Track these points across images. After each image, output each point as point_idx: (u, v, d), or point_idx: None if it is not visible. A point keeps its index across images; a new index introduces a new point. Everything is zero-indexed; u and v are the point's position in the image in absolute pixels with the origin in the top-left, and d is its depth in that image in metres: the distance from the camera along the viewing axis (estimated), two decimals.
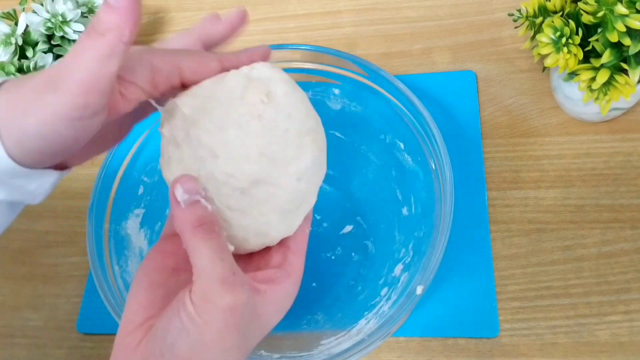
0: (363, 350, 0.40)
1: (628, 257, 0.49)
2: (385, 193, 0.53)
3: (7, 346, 0.53)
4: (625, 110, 0.54)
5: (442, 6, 0.65)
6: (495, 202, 0.53)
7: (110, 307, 0.42)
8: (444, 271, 0.41)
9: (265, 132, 0.31)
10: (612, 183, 0.52)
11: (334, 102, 0.53)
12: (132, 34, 0.26)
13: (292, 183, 0.32)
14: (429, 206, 0.45)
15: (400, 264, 0.48)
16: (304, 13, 0.67)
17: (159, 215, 0.51)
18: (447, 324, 0.48)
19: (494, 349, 0.47)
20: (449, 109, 0.57)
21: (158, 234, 0.51)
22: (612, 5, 0.44)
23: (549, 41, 0.47)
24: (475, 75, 0.59)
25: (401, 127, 0.49)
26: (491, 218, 0.52)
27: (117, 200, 0.48)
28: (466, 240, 0.51)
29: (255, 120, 0.31)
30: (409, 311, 0.41)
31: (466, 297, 0.49)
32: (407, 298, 0.41)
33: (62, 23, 0.55)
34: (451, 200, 0.43)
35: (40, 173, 0.30)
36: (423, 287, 0.40)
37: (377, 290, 0.48)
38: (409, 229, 0.49)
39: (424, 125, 0.46)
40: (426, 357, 0.48)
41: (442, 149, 0.45)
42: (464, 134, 0.56)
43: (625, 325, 0.46)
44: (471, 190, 0.53)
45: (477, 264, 0.50)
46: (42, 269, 0.56)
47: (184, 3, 0.71)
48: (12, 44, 0.55)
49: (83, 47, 0.26)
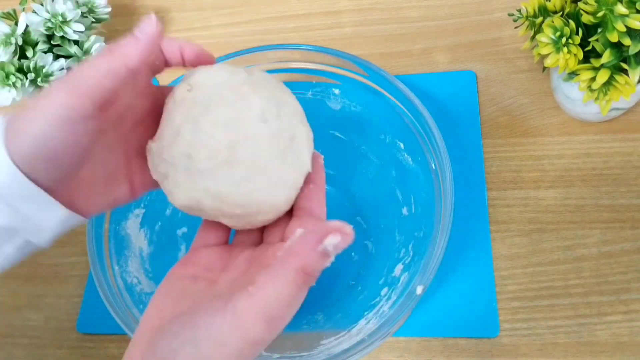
0: (363, 350, 0.40)
1: (628, 257, 0.49)
2: (385, 193, 0.53)
3: (7, 346, 0.53)
4: (625, 110, 0.54)
5: (442, 6, 0.65)
6: (495, 202, 0.53)
7: (110, 307, 0.42)
8: (444, 271, 0.41)
9: (206, 109, 0.31)
10: (612, 183, 0.52)
11: (334, 102, 0.53)
12: (139, 63, 0.28)
13: (260, 125, 0.31)
14: (429, 206, 0.45)
15: (400, 264, 0.48)
16: (304, 13, 0.67)
17: (159, 215, 0.51)
18: (447, 324, 0.48)
19: (494, 349, 0.47)
20: (449, 109, 0.57)
21: (158, 234, 0.51)
22: (612, 5, 0.44)
23: (549, 41, 0.47)
24: (475, 75, 0.59)
25: (401, 127, 0.49)
26: (491, 218, 0.52)
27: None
28: (466, 240, 0.51)
29: (189, 102, 0.32)
30: (409, 311, 0.41)
31: (466, 297, 0.49)
32: (407, 298, 0.41)
33: (62, 23, 0.55)
34: (451, 200, 0.43)
35: (46, 201, 0.30)
36: (423, 287, 0.40)
37: (377, 290, 0.48)
38: (409, 229, 0.49)
39: (424, 125, 0.46)
40: (426, 357, 0.48)
41: (442, 149, 0.45)
42: (464, 134, 0.56)
43: (625, 325, 0.46)
44: (471, 190, 0.53)
45: (477, 264, 0.50)
46: (42, 269, 0.56)
47: (184, 3, 0.71)
48: (12, 44, 0.55)
49: (90, 61, 0.28)
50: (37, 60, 0.55)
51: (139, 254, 0.48)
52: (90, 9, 0.59)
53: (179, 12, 0.71)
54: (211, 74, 0.33)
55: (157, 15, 0.70)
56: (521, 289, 0.49)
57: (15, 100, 0.55)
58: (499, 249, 0.51)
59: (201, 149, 0.31)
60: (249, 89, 0.32)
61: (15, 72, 0.54)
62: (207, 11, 0.70)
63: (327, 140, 0.35)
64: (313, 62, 0.51)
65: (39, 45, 0.56)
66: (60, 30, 0.55)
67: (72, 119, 0.28)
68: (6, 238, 0.31)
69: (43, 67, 0.55)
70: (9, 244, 0.31)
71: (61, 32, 0.55)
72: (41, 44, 0.56)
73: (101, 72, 0.28)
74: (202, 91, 0.32)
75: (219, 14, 0.69)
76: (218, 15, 0.69)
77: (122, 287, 0.44)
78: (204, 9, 0.70)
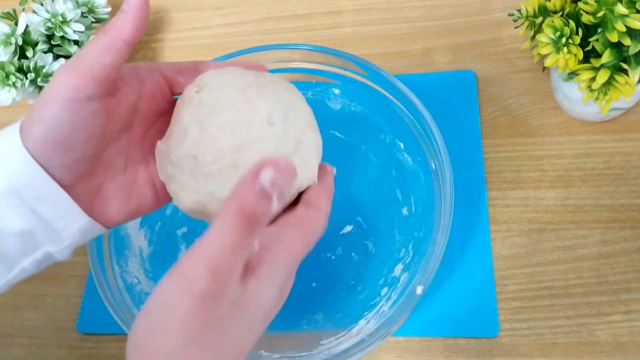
0: (363, 350, 0.40)
1: (628, 257, 0.49)
2: (385, 193, 0.53)
3: (7, 346, 0.53)
4: (625, 110, 0.54)
5: (442, 6, 0.65)
6: (495, 202, 0.53)
7: (110, 307, 0.42)
8: (444, 271, 0.41)
9: (213, 111, 0.31)
10: (612, 183, 0.52)
11: (334, 102, 0.53)
12: (133, 35, 0.30)
13: (266, 128, 0.31)
14: (429, 206, 0.45)
15: (400, 263, 0.48)
16: (304, 13, 0.67)
17: (159, 215, 0.51)
18: (447, 324, 0.48)
19: (494, 349, 0.47)
20: (449, 109, 0.57)
21: (158, 234, 0.51)
22: (612, 5, 0.44)
23: (549, 41, 0.47)
24: (475, 75, 0.59)
25: (401, 127, 0.49)
26: (491, 218, 0.52)
27: None
28: (466, 240, 0.51)
29: (198, 103, 0.32)
30: (409, 311, 0.41)
31: (466, 297, 0.49)
32: (407, 298, 0.41)
33: (62, 23, 0.55)
34: (451, 200, 0.43)
35: (66, 204, 0.30)
36: (423, 287, 0.40)
37: (377, 290, 0.48)
38: (409, 229, 0.49)
39: (424, 125, 0.46)
40: (426, 357, 0.48)
41: (442, 148, 0.45)
42: (464, 134, 0.56)
43: (625, 325, 0.46)
44: (471, 190, 0.53)
45: (477, 264, 0.50)
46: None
47: (183, 3, 0.71)
48: (12, 44, 0.55)
49: (89, 43, 0.30)
50: (37, 60, 0.55)
51: (139, 254, 0.48)
52: (90, 9, 0.59)
53: (179, 12, 0.70)
54: (219, 75, 0.33)
55: (157, 15, 0.70)
56: (521, 289, 0.49)
57: (15, 100, 0.55)
58: (499, 249, 0.51)
59: (207, 151, 0.31)
60: (256, 92, 0.32)
61: (15, 72, 0.54)
62: (207, 11, 0.70)
63: (327, 140, 0.35)
64: (313, 62, 0.51)
65: (39, 45, 0.56)
66: (60, 30, 0.55)
67: (78, 99, 0.29)
68: (27, 250, 0.31)
69: (43, 67, 0.55)
70: (28, 258, 0.31)
71: (61, 32, 0.55)
72: (41, 44, 0.56)
73: (98, 49, 0.29)
74: (209, 93, 0.32)
75: (219, 14, 0.69)
76: (218, 15, 0.69)
77: (122, 287, 0.44)
78: (203, 9, 0.70)
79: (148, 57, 0.67)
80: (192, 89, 0.33)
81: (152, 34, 0.69)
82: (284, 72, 0.51)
